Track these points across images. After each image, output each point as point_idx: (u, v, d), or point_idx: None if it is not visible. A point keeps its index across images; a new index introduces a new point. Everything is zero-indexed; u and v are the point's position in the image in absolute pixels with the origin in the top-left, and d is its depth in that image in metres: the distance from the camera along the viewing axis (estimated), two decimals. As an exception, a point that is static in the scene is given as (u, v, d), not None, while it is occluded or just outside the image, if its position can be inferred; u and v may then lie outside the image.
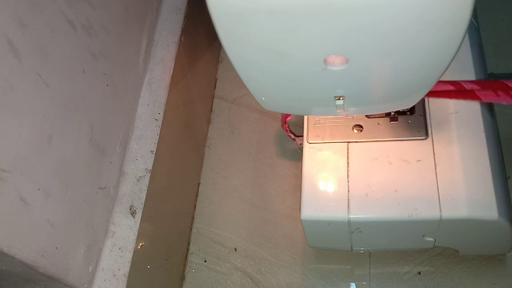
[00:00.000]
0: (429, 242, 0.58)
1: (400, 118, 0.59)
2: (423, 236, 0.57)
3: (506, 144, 0.63)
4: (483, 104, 0.57)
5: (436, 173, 0.54)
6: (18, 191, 0.40)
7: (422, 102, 0.59)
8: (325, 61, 0.40)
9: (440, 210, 0.52)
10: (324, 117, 0.61)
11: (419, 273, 0.63)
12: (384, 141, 0.58)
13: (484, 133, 0.55)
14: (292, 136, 0.69)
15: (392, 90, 0.47)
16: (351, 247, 0.61)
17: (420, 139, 0.57)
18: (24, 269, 0.42)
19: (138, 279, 0.57)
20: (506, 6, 0.79)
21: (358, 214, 0.55)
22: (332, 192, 0.56)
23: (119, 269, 0.54)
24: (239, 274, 0.69)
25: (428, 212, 0.53)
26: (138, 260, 0.56)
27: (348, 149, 0.59)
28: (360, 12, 0.34)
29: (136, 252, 0.56)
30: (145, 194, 0.58)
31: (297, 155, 0.74)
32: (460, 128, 0.56)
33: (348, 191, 0.56)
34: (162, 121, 0.63)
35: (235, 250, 0.71)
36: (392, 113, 0.59)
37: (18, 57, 0.40)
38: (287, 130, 0.68)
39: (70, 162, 0.48)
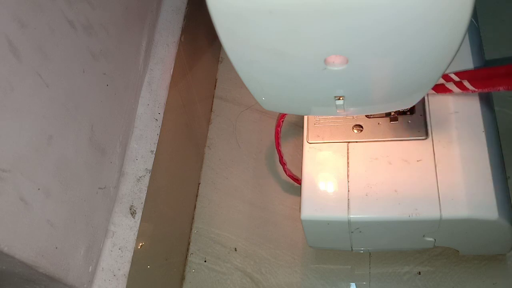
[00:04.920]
0: (429, 242, 0.58)
1: (400, 118, 0.59)
2: (423, 236, 0.57)
3: (506, 144, 0.63)
4: (483, 104, 0.57)
5: (436, 173, 0.54)
6: (18, 191, 0.40)
7: (422, 102, 0.59)
8: (325, 61, 0.40)
9: (440, 210, 0.52)
10: (324, 117, 0.61)
11: (419, 273, 0.63)
12: (384, 141, 0.58)
13: (484, 133, 0.55)
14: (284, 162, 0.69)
15: (392, 90, 0.47)
16: (351, 247, 0.61)
17: (420, 139, 0.57)
18: (24, 269, 0.42)
19: (138, 279, 0.57)
20: (506, 6, 0.79)
21: (358, 214, 0.55)
22: (332, 192, 0.56)
23: (119, 269, 0.54)
24: (239, 274, 0.69)
25: (428, 212, 0.53)
26: (138, 260, 0.56)
27: (348, 149, 0.59)
28: (360, 12, 0.34)
29: (136, 252, 0.56)
30: (145, 194, 0.58)
31: (297, 155, 0.74)
32: (460, 128, 0.56)
33: (348, 191, 0.56)
34: (162, 121, 0.63)
35: (235, 250, 0.71)
36: (392, 113, 0.59)
37: (18, 57, 0.40)
38: (279, 151, 0.68)
39: (70, 162, 0.48)
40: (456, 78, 0.57)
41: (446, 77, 0.57)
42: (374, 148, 0.58)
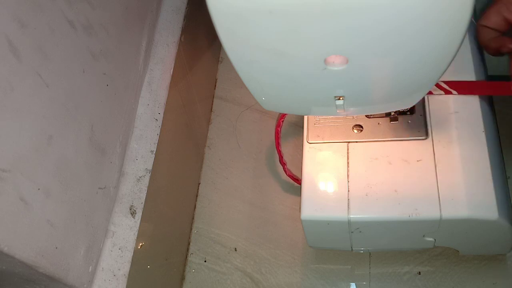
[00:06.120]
0: (429, 242, 0.58)
1: (400, 118, 0.59)
2: (423, 236, 0.57)
3: (506, 144, 0.63)
4: (483, 104, 0.57)
5: (436, 173, 0.54)
6: (18, 191, 0.40)
7: (422, 102, 0.59)
8: (325, 61, 0.40)
9: (440, 210, 0.52)
10: (324, 117, 0.61)
11: (419, 273, 0.63)
12: (384, 141, 0.58)
13: (484, 133, 0.55)
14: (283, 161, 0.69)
15: (392, 90, 0.47)
16: (351, 247, 0.61)
17: (420, 139, 0.57)
18: (24, 269, 0.42)
19: (138, 279, 0.57)
20: (506, 6, 0.79)
21: (358, 214, 0.55)
22: (332, 192, 0.56)
23: (119, 269, 0.54)
24: (239, 274, 0.69)
25: (428, 212, 0.53)
26: (138, 260, 0.56)
27: (348, 149, 0.59)
28: (360, 12, 0.34)
29: (136, 252, 0.56)
30: (145, 194, 0.58)
31: (297, 155, 0.74)
32: (460, 128, 0.56)
33: (348, 191, 0.56)
34: (162, 121, 0.63)
35: (235, 250, 0.71)
36: (392, 113, 0.59)
37: (18, 57, 0.40)
38: (279, 152, 0.68)
39: (70, 162, 0.48)
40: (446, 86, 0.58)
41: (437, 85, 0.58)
42: (374, 148, 0.58)
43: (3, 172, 0.38)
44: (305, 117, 0.62)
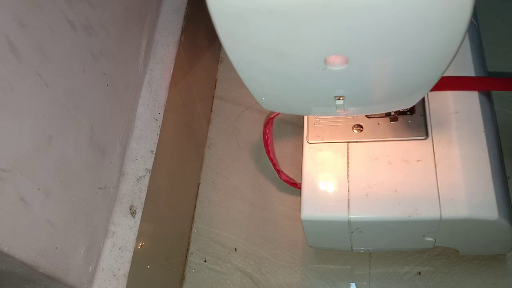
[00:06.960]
0: (429, 242, 0.58)
1: (400, 118, 0.59)
2: (423, 236, 0.57)
3: (506, 144, 0.63)
4: (483, 104, 0.57)
5: (436, 173, 0.54)
6: (18, 191, 0.40)
7: (422, 102, 0.59)
8: (325, 61, 0.40)
9: (440, 210, 0.52)
10: (324, 117, 0.61)
11: (419, 273, 0.63)
12: (384, 141, 0.58)
13: (484, 133, 0.55)
14: (277, 167, 0.68)
15: (392, 90, 0.47)
16: (351, 247, 0.61)
17: (420, 139, 0.57)
18: (24, 269, 0.42)
19: (138, 279, 0.57)
20: (506, 6, 0.79)
21: (358, 214, 0.55)
22: (332, 192, 0.57)
23: (119, 269, 0.54)
24: (239, 274, 0.69)
25: (428, 212, 0.53)
26: (138, 260, 0.56)
27: (348, 149, 0.59)
28: (360, 12, 0.34)
29: (136, 252, 0.56)
30: (145, 194, 0.58)
31: (297, 155, 0.74)
32: (460, 128, 0.56)
33: (348, 191, 0.56)
34: (162, 121, 0.63)
35: (235, 250, 0.71)
36: (392, 113, 0.59)
37: (18, 57, 0.40)
38: (271, 159, 0.68)
39: (70, 162, 0.48)
40: None
41: None
42: (374, 148, 0.58)
43: (3, 172, 0.38)
44: (305, 117, 0.62)
